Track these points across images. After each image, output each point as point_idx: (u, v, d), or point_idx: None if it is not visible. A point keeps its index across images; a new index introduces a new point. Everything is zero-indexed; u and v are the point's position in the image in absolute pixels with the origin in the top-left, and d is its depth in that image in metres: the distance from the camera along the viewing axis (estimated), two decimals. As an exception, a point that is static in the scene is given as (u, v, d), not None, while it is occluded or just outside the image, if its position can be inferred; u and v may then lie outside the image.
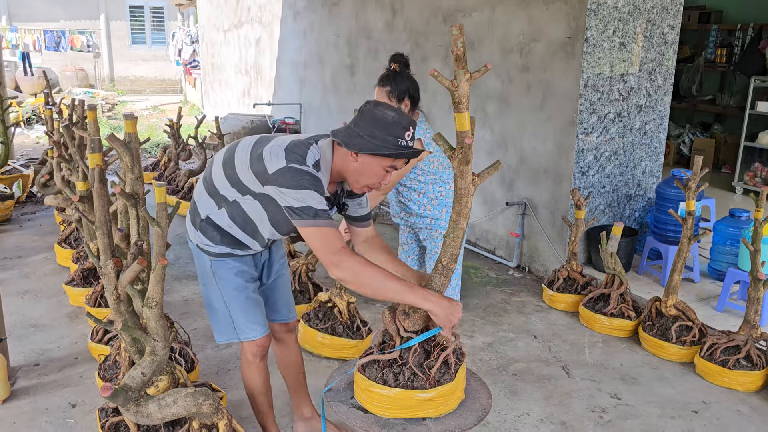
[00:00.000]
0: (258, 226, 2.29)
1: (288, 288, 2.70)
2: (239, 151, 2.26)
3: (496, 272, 5.13)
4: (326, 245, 2.02)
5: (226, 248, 2.36)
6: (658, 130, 4.99)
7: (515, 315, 4.31)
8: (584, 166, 4.68)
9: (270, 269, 2.59)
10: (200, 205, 2.36)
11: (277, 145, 2.16)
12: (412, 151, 2.10)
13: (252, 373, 2.55)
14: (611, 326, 4.00)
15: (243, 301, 2.41)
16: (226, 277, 2.39)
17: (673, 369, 3.61)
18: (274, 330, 2.70)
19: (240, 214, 2.27)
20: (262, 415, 2.65)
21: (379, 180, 2.16)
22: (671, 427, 3.05)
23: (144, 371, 2.29)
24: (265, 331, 2.47)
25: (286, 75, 9.59)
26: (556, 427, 3.02)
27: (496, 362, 3.64)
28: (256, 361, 2.52)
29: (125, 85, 18.94)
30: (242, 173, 2.20)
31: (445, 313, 1.97)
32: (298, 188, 2.03)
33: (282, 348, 2.76)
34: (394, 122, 2.07)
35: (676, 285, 3.77)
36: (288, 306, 2.68)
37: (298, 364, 2.80)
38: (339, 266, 2.00)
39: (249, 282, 2.44)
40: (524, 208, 5.09)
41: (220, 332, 2.49)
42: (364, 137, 2.07)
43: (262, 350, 2.50)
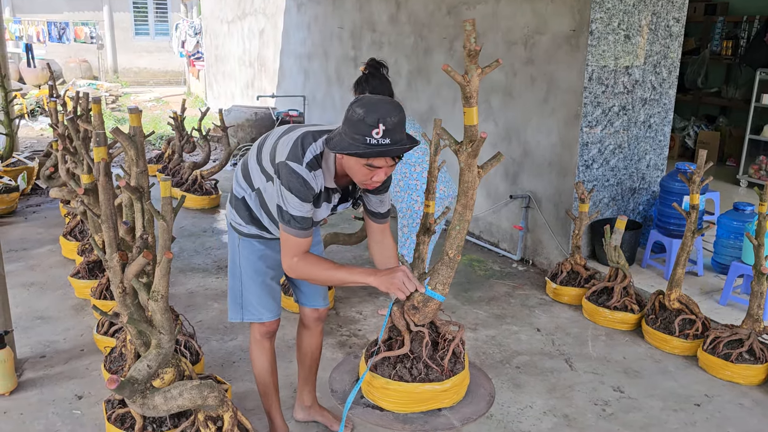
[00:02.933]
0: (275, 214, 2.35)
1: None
2: (270, 137, 2.38)
3: (500, 265, 5.14)
4: (286, 248, 2.23)
5: (255, 229, 2.46)
6: (662, 123, 4.98)
7: (519, 308, 4.32)
8: (588, 159, 4.68)
9: None
10: (237, 185, 2.48)
11: (292, 137, 2.22)
12: (386, 149, 2.00)
13: (258, 353, 2.61)
14: (614, 319, 4.00)
15: (259, 284, 2.49)
16: (249, 258, 2.48)
17: (675, 362, 3.62)
18: (304, 315, 2.73)
19: (262, 200, 2.37)
20: (267, 398, 2.68)
21: (367, 177, 2.14)
22: (673, 420, 3.06)
23: (150, 364, 2.31)
24: (272, 317, 2.53)
25: (290, 67, 9.58)
26: (559, 420, 3.04)
27: (500, 355, 3.66)
28: (262, 341, 2.58)
29: (129, 76, 18.92)
30: (265, 161, 2.31)
31: (385, 281, 2.15)
32: (285, 188, 2.16)
33: (306, 334, 2.76)
34: (359, 120, 2.00)
35: (680, 278, 3.78)
36: (320, 292, 2.69)
37: (317, 353, 2.81)
38: (292, 269, 2.26)
39: (270, 267, 2.51)
40: (528, 201, 5.10)
41: (232, 309, 2.56)
42: (342, 136, 2.08)
43: (268, 332, 2.57)
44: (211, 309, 4.12)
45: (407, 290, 2.16)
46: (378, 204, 2.43)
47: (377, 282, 2.16)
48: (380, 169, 2.12)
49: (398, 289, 2.15)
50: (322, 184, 2.21)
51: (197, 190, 6.49)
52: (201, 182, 6.58)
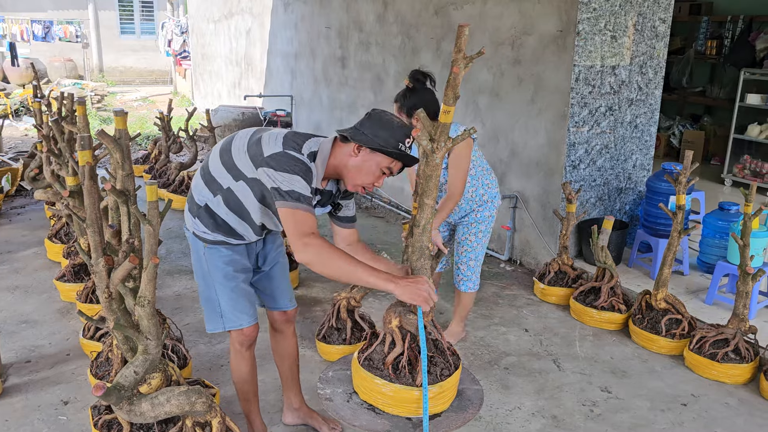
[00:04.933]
0: (251, 214, 2.35)
1: (286, 276, 2.72)
2: (237, 139, 2.36)
3: (488, 265, 5.15)
4: (299, 227, 2.07)
5: (220, 236, 2.41)
6: (648, 124, 5.01)
7: (507, 308, 4.33)
8: (575, 159, 4.70)
9: (265, 258, 2.63)
10: (197, 193, 2.43)
11: (277, 133, 2.27)
12: (409, 157, 2.22)
13: (239, 362, 2.59)
14: (602, 319, 4.03)
15: (231, 290, 2.46)
16: (217, 264, 2.44)
17: (662, 362, 3.64)
18: (273, 319, 2.74)
19: (234, 200, 2.33)
20: (248, 403, 2.69)
21: (373, 180, 2.26)
22: (661, 419, 3.08)
23: (137, 370, 2.29)
24: (251, 321, 2.51)
25: (277, 66, 9.55)
26: (548, 421, 3.05)
27: (488, 356, 3.66)
28: (242, 351, 2.56)
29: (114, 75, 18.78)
30: (238, 158, 2.28)
31: (408, 290, 1.97)
32: (288, 172, 2.12)
33: (280, 337, 2.78)
34: (399, 127, 2.21)
35: (666, 278, 3.80)
36: (286, 294, 2.71)
37: (294, 355, 2.83)
38: (306, 249, 2.04)
39: (239, 272, 2.48)
40: (516, 202, 5.11)
41: (209, 320, 2.52)
42: (369, 135, 2.20)
43: (248, 340, 2.54)
44: (198, 312, 4.09)
45: (431, 303, 2.01)
46: (346, 208, 2.45)
47: (399, 291, 1.97)
48: (386, 176, 2.27)
49: (424, 301, 1.99)
50: (313, 182, 2.22)
51: (184, 191, 6.45)
52: (188, 183, 6.54)
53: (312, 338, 3.75)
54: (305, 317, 4.07)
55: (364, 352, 2.16)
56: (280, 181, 2.11)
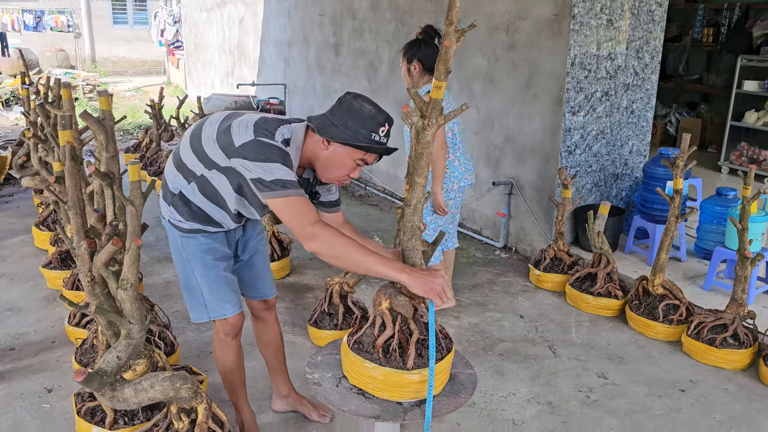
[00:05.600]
0: (227, 202, 2.25)
1: (266, 265, 2.65)
2: (207, 125, 2.23)
3: (483, 252, 5.09)
4: (299, 218, 1.95)
5: (196, 224, 2.32)
6: (645, 109, 4.95)
7: (502, 295, 4.27)
8: (571, 145, 4.63)
9: (245, 246, 2.54)
10: (171, 180, 2.32)
11: (247, 120, 2.13)
12: (384, 147, 2.09)
13: (224, 352, 2.51)
14: (598, 305, 3.97)
15: (212, 278, 2.36)
16: (196, 254, 2.35)
17: (660, 348, 3.58)
18: (253, 307, 2.67)
19: (209, 188, 2.23)
20: (234, 393, 2.62)
21: (347, 172, 2.16)
22: (658, 405, 3.03)
23: (119, 355, 2.22)
24: (235, 309, 2.42)
25: (270, 55, 9.44)
26: (543, 408, 2.99)
27: (483, 342, 3.60)
28: (228, 340, 2.48)
29: (107, 66, 18.63)
30: (208, 147, 2.16)
31: (422, 283, 1.84)
32: (265, 161, 1.99)
33: (261, 326, 2.72)
34: (370, 116, 2.05)
35: (663, 264, 3.74)
36: (267, 283, 2.64)
37: (278, 342, 2.76)
38: (314, 239, 1.92)
39: (219, 260, 2.38)
40: (511, 188, 5.04)
41: (193, 310, 2.44)
42: (338, 126, 2.06)
43: (234, 329, 2.46)
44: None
45: (446, 299, 1.88)
46: (327, 193, 2.34)
47: (412, 283, 1.84)
48: (361, 167, 2.15)
49: (437, 295, 1.85)
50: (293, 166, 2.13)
51: (175, 180, 6.36)
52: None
53: (303, 325, 3.68)
54: (297, 304, 4.00)
55: (353, 336, 2.09)
56: (259, 171, 1.98)
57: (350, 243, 1.92)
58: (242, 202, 2.25)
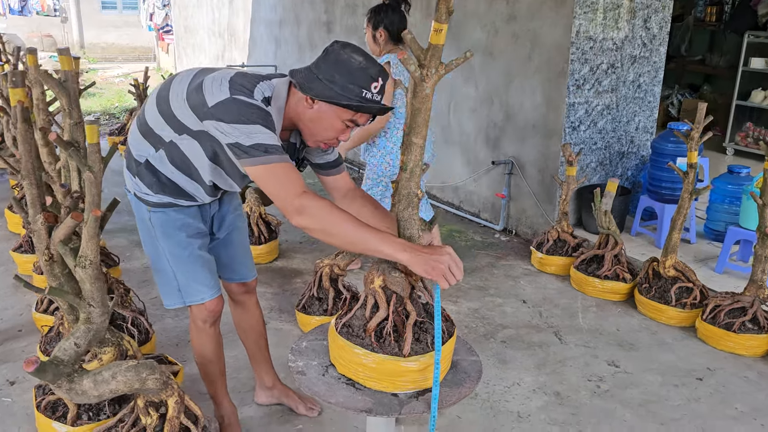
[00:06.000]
0: (200, 172, 1.97)
1: (245, 243, 2.39)
2: (176, 83, 1.94)
3: (482, 235, 4.84)
4: (284, 188, 1.66)
5: (166, 197, 2.04)
6: (652, 83, 4.70)
7: (503, 279, 4.03)
8: (575, 120, 4.38)
9: (221, 222, 2.27)
10: (135, 147, 2.03)
11: (221, 76, 1.84)
12: (377, 106, 1.80)
13: (202, 341, 2.26)
14: (605, 289, 3.73)
15: (186, 258, 2.10)
16: (167, 231, 2.08)
17: (672, 333, 3.35)
18: (231, 291, 2.42)
19: (180, 156, 1.95)
20: (213, 385, 2.37)
21: (336, 135, 1.87)
22: (674, 395, 2.80)
23: (78, 342, 1.97)
24: (214, 293, 2.16)
25: (261, 35, 9.14)
26: (550, 398, 2.76)
27: (483, 329, 3.36)
28: (205, 328, 2.22)
29: (96, 52, 18.24)
30: (177, 108, 1.88)
31: (424, 262, 1.55)
32: (243, 123, 1.71)
33: (240, 311, 2.47)
34: (361, 68, 1.75)
35: (675, 244, 3.51)
36: (246, 264, 2.38)
37: (259, 329, 2.51)
38: (302, 213, 1.63)
39: (194, 237, 2.12)
40: (511, 168, 4.79)
41: (166, 295, 2.17)
42: (324, 81, 1.76)
43: (212, 315, 2.20)
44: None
45: (453, 279, 1.58)
46: (321, 153, 2.04)
47: (413, 262, 1.55)
48: (351, 128, 1.88)
49: (441, 275, 1.56)
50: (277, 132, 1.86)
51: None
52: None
53: (291, 311, 3.44)
54: (284, 289, 3.75)
55: (342, 318, 1.85)
56: (236, 135, 1.70)
57: (344, 217, 1.64)
58: (218, 172, 1.99)
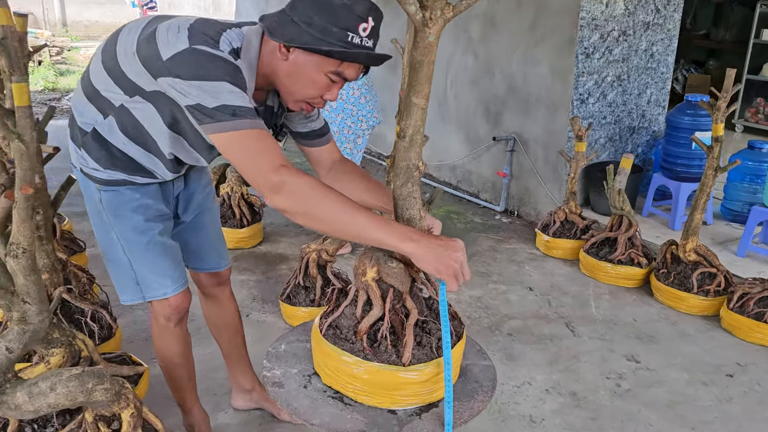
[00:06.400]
0: (158, 142, 1.61)
1: (216, 227, 2.05)
2: (125, 33, 1.55)
3: (482, 217, 4.52)
4: (258, 160, 1.30)
5: (119, 174, 1.68)
6: (665, 53, 4.36)
7: (506, 264, 3.71)
8: (584, 92, 4.05)
9: (188, 203, 1.92)
10: (80, 114, 1.66)
11: (179, 23, 1.46)
12: (368, 53, 1.42)
13: (166, 342, 1.93)
14: (618, 275, 3.43)
15: (145, 246, 1.75)
16: (120, 213, 1.72)
17: (695, 324, 3.05)
18: (201, 282, 2.09)
19: (132, 124, 1.58)
20: (180, 391, 2.04)
21: (319, 92, 1.48)
22: (704, 395, 2.50)
23: (10, 346, 1.63)
24: (178, 287, 1.82)
25: (246, 8, 8.73)
26: (565, 400, 2.45)
27: (487, 320, 3.05)
28: (170, 327, 1.88)
29: (79, 30, 17.67)
30: (127, 63, 1.50)
31: (434, 256, 1.25)
32: (206, 79, 1.34)
33: (212, 305, 2.14)
34: (344, 6, 1.37)
35: (697, 226, 3.20)
36: (217, 251, 2.04)
37: (235, 325, 2.18)
38: (280, 191, 1.28)
39: (154, 221, 1.76)
40: (513, 144, 4.46)
41: (123, 289, 1.83)
42: (299, 24, 1.39)
43: (177, 312, 1.86)
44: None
45: (462, 278, 1.31)
46: (304, 120, 1.69)
47: (422, 256, 1.26)
48: (340, 84, 1.50)
49: (453, 275, 1.28)
50: (249, 91, 1.48)
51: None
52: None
53: (276, 301, 3.11)
54: (268, 277, 3.43)
55: (328, 317, 1.52)
56: (197, 95, 1.33)
57: (333, 197, 1.29)
58: (179, 143, 1.63)
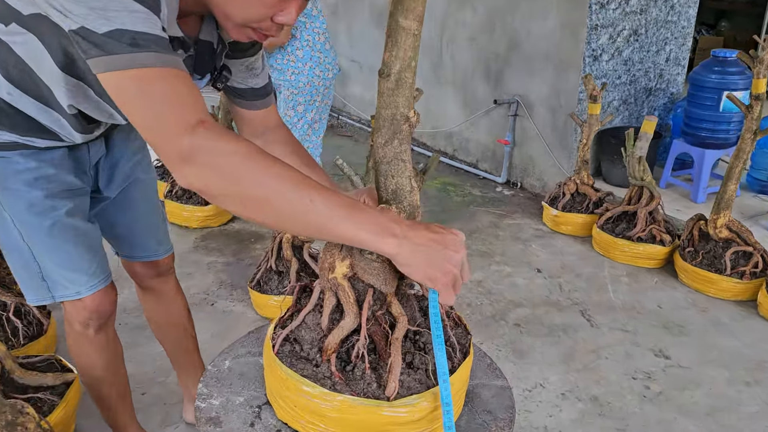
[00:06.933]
0: (54, 90, 1.15)
1: (152, 204, 1.59)
2: None
3: (480, 189, 4.10)
4: (163, 113, 0.85)
5: (7, 134, 1.23)
6: (687, 4, 3.91)
7: (509, 242, 3.30)
8: (597, 48, 3.60)
9: (112, 173, 1.47)
10: None
11: None
12: None
13: (84, 351, 1.50)
14: (638, 254, 3.02)
15: (48, 231, 1.31)
16: (11, 187, 1.27)
17: (728, 310, 2.66)
18: (135, 274, 1.66)
19: (15, 64, 1.12)
20: (110, 411, 1.63)
21: (267, 11, 0.98)
22: (748, 398, 2.10)
23: None
24: (97, 283, 1.39)
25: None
26: (586, 406, 2.05)
27: (490, 308, 2.65)
28: (88, 334, 1.46)
29: None
30: None
31: (427, 259, 0.88)
32: None
33: (152, 301, 1.72)
34: None
35: (730, 198, 2.79)
36: (154, 234, 1.61)
37: (182, 324, 1.77)
38: (192, 160, 0.84)
39: (59, 198, 1.32)
40: (516, 108, 4.02)
41: (26, 286, 1.39)
42: None
43: (97, 316, 1.43)
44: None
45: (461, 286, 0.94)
46: (246, 72, 1.25)
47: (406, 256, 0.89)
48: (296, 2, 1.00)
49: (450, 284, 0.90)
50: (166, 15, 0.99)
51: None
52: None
53: (246, 288, 2.69)
54: (239, 258, 3.01)
55: (283, 327, 1.11)
56: (80, 14, 0.85)
57: (277, 169, 0.86)
58: (81, 91, 1.16)
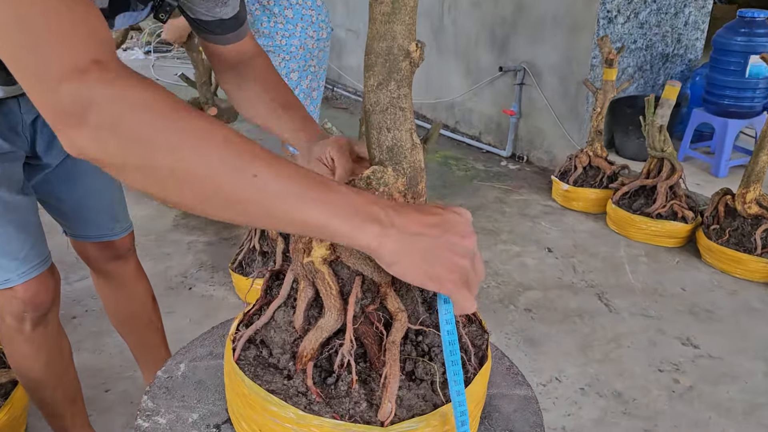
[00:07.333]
0: None
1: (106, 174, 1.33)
2: None
3: (484, 163, 3.84)
4: (44, 49, 0.54)
5: None
6: (708, -38, 3.63)
7: (517, 219, 3.06)
8: (612, 9, 3.32)
9: (53, 136, 1.20)
10: None
11: None
12: None
13: (18, 351, 1.27)
14: (657, 232, 2.78)
15: None
16: None
17: (759, 293, 2.43)
18: (89, 257, 1.43)
19: None
20: (57, 418, 1.41)
21: None
22: (791, 394, 1.88)
23: None
24: (31, 269, 1.16)
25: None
26: (608, 403, 1.82)
27: (499, 291, 2.41)
28: (23, 330, 1.22)
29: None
30: None
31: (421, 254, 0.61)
32: None
33: (109, 289, 1.49)
34: None
35: (762, 171, 2.54)
36: (108, 210, 1.37)
37: (146, 315, 1.54)
38: (79, 116, 0.55)
39: None
40: (523, 76, 3.75)
41: None
42: None
43: (33, 308, 1.20)
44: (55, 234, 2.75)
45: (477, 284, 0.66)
46: (212, 2, 0.98)
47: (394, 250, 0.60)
48: None
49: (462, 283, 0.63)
50: None
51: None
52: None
53: (228, 270, 2.45)
54: (222, 238, 2.76)
55: (247, 326, 0.86)
56: None
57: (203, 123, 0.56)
58: None
